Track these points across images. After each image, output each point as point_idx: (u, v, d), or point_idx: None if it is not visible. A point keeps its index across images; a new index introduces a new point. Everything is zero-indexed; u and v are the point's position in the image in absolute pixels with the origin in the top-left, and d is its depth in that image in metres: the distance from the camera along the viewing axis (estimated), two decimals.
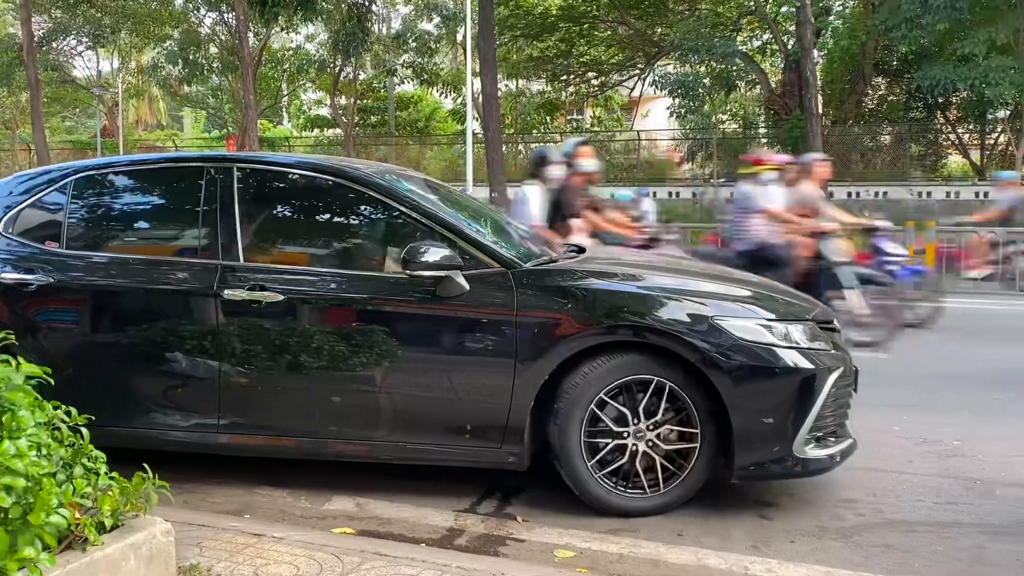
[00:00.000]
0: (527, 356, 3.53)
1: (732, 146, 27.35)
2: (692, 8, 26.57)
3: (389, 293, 3.68)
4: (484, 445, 3.63)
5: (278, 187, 4.17)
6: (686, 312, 3.54)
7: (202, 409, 3.80)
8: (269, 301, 3.68)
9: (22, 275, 3.91)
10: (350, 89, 30.68)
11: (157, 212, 4.24)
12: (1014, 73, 18.89)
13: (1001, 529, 3.44)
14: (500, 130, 23.12)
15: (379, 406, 3.70)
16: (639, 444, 3.54)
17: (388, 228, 3.96)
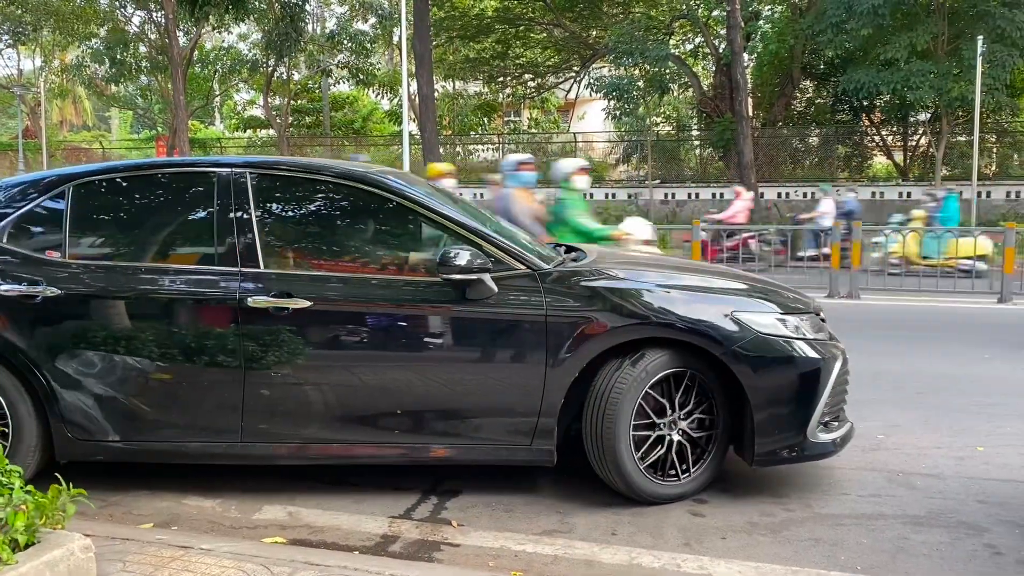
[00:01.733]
0: (558, 354, 3.61)
1: (666, 148, 27.77)
2: (626, 12, 26.88)
3: (418, 297, 3.70)
4: (515, 443, 3.70)
5: (295, 192, 4.06)
6: (710, 307, 3.74)
7: (224, 419, 3.72)
8: (296, 308, 3.62)
9: (25, 287, 3.72)
10: (284, 89, 30.24)
11: (167, 219, 4.04)
12: (933, 77, 19.56)
13: (922, 520, 3.55)
14: (437, 131, 23.06)
15: (410, 409, 3.72)
16: (673, 434, 3.72)
17: (411, 232, 4.00)
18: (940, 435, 4.72)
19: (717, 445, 3.81)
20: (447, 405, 3.72)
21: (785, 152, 25.21)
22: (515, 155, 7.20)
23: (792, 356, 3.73)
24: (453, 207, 4.01)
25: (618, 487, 3.70)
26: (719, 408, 3.78)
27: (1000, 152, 24.62)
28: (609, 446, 3.61)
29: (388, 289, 3.75)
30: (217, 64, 30.39)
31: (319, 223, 4.08)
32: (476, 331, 3.69)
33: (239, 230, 3.75)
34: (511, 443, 3.70)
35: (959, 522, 3.52)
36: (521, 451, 3.71)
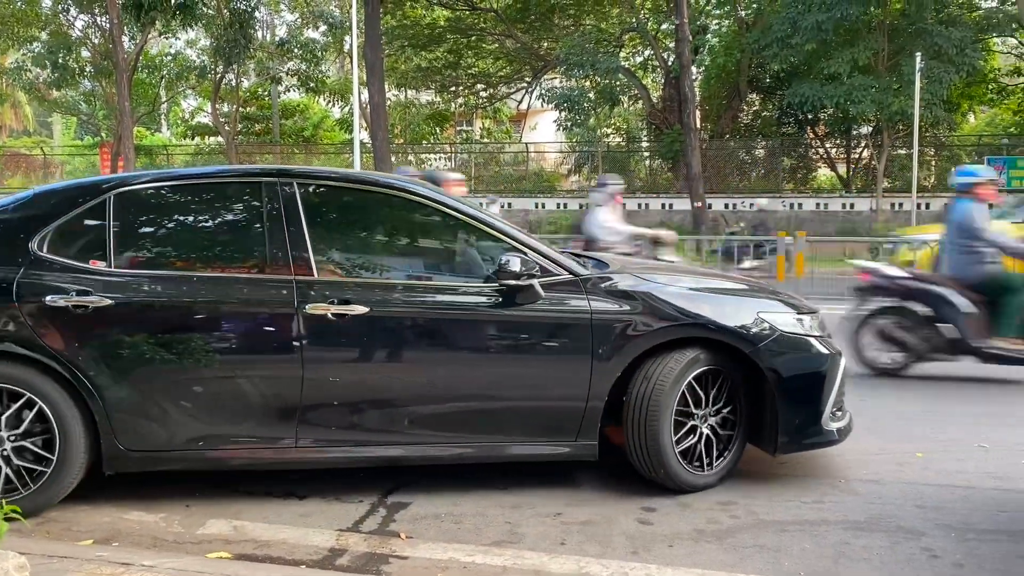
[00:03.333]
0: (602, 355, 3.84)
1: (616, 159, 28.05)
2: (576, 24, 27.11)
3: (472, 302, 3.86)
4: (562, 440, 3.91)
5: (345, 201, 4.16)
6: (740, 309, 4.08)
7: (279, 426, 3.75)
8: (354, 314, 3.68)
9: (75, 297, 3.63)
10: (232, 96, 29.83)
11: (213, 227, 4.04)
12: (875, 92, 20.11)
13: (863, 525, 3.63)
14: (388, 140, 22.96)
15: (464, 410, 3.88)
16: (703, 427, 4.00)
17: (457, 241, 4.15)
18: (882, 441, 4.83)
19: (738, 438, 4.10)
20: (497, 405, 3.90)
21: (732, 164, 25.67)
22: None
23: (809, 353, 4.08)
24: (494, 218, 4.24)
25: (657, 476, 3.94)
26: (743, 403, 4.07)
27: (938, 165, 25.38)
28: (653, 438, 3.86)
29: (440, 295, 3.90)
30: (164, 70, 29.86)
31: (368, 231, 4.21)
32: (526, 334, 3.88)
33: (291, 238, 3.79)
34: (556, 440, 3.91)
35: (898, 527, 3.61)
36: (565, 447, 3.92)
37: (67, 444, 3.62)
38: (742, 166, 26.33)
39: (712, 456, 4.04)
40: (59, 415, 3.61)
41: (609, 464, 4.39)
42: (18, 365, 3.60)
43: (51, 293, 3.63)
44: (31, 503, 3.56)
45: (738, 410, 4.09)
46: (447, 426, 3.87)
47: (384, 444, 3.83)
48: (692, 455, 3.99)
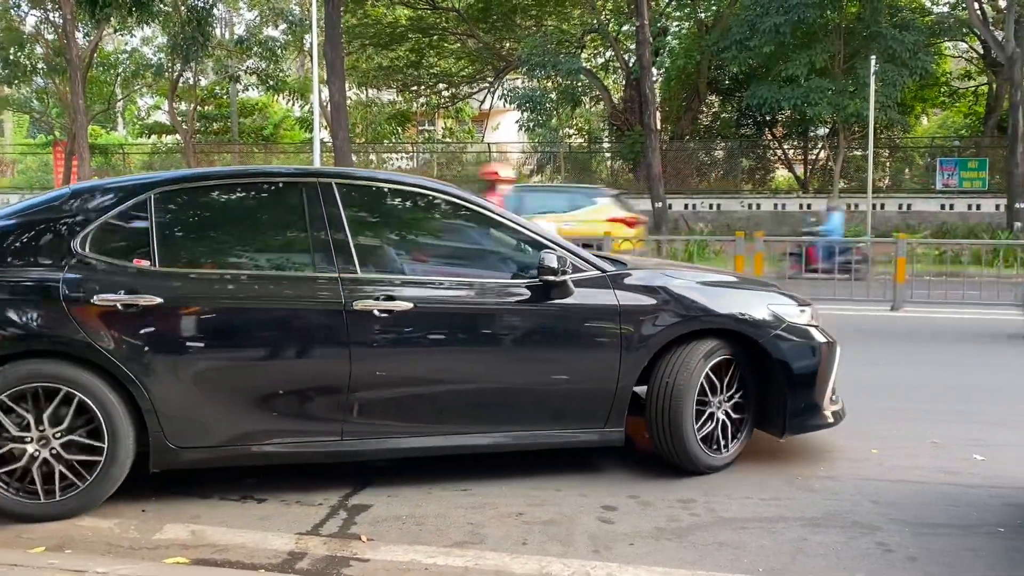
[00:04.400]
0: (630, 346, 4.09)
1: (578, 159, 28.18)
2: (538, 24, 27.19)
3: (509, 297, 4.05)
4: (591, 427, 4.14)
5: (383, 201, 4.32)
6: (753, 301, 4.39)
7: (326, 419, 3.84)
8: (399, 310, 3.81)
9: (124, 295, 3.62)
10: (190, 95, 29.42)
11: (256, 227, 4.11)
12: (831, 94, 20.46)
13: (819, 521, 3.69)
14: (349, 139, 22.79)
15: (502, 400, 4.06)
16: (719, 413, 4.27)
17: (492, 239, 4.32)
18: (837, 438, 4.90)
19: (750, 423, 4.38)
20: (533, 395, 4.09)
21: (692, 165, 25.93)
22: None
23: (812, 342, 4.40)
24: (523, 218, 4.46)
25: (678, 459, 4.21)
26: (753, 390, 4.36)
27: (893, 166, 25.90)
28: (676, 423, 4.13)
29: (478, 290, 4.06)
30: (119, 67, 29.36)
31: (405, 230, 4.37)
32: (561, 327, 4.08)
33: (334, 237, 3.88)
34: (587, 427, 4.14)
35: (854, 522, 3.67)
36: (595, 434, 4.15)
37: (115, 443, 3.62)
38: (702, 167, 26.61)
39: (728, 439, 4.30)
40: (107, 414, 3.60)
41: (571, 463, 4.42)
42: (65, 364, 3.59)
43: (99, 292, 3.61)
44: (76, 502, 3.61)
45: (749, 396, 4.36)
46: (485, 416, 4.05)
47: (426, 435, 3.99)
48: (710, 439, 4.26)
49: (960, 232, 20.67)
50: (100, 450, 3.61)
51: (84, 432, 3.60)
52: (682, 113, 26.81)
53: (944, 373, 5.66)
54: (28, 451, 3.55)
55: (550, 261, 3.95)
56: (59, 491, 3.58)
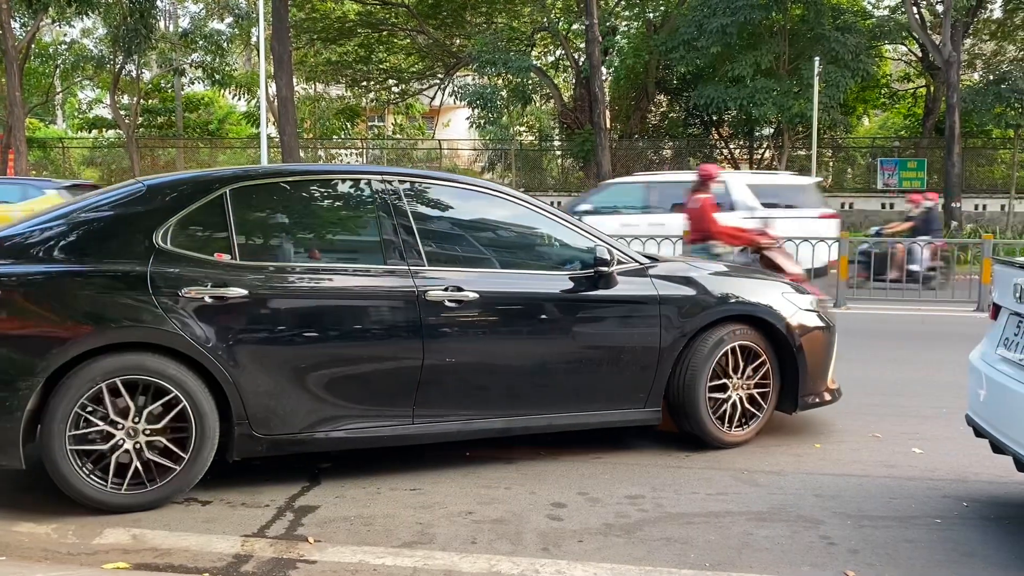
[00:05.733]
0: (669, 331, 4.46)
1: (529, 157, 28.22)
2: (488, 22, 27.15)
3: (565, 287, 4.38)
4: (634, 406, 4.50)
5: (445, 199, 4.55)
6: (771, 291, 4.85)
7: (399, 403, 4.04)
8: (467, 300, 4.06)
9: (210, 288, 3.73)
10: (133, 88, 28.74)
11: (327, 222, 4.38)
12: (776, 95, 20.79)
13: (765, 515, 3.75)
14: (297, 135, 22.51)
15: (558, 383, 4.33)
16: (734, 394, 4.64)
17: (542, 233, 4.68)
18: (782, 434, 5.00)
19: (772, 401, 4.76)
20: (585, 378, 4.38)
21: (641, 163, 26.11)
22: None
23: (819, 324, 4.88)
24: (569, 214, 4.90)
25: (696, 434, 4.61)
26: (772, 372, 4.72)
27: (835, 166, 26.45)
28: (691, 401, 4.50)
29: (535, 280, 4.40)
30: (58, 59, 28.54)
31: (466, 225, 4.62)
32: (610, 315, 4.45)
33: (402, 231, 4.12)
34: (630, 407, 4.49)
35: (798, 516, 3.74)
36: (636, 413, 4.51)
37: (202, 433, 3.71)
38: (651, 165, 26.81)
39: (748, 417, 4.70)
40: (195, 404, 3.69)
41: (519, 461, 4.42)
42: (154, 356, 3.65)
43: (185, 285, 3.70)
44: (162, 492, 3.69)
45: (766, 378, 4.72)
46: (542, 398, 4.33)
47: (490, 416, 4.24)
48: (729, 418, 4.64)
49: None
50: (187, 441, 3.69)
51: (172, 423, 3.68)
52: (631, 112, 27.02)
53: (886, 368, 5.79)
54: (118, 442, 3.62)
55: (603, 254, 4.35)
56: (147, 481, 3.66)
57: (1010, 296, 3.56)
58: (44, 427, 3.53)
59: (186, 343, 3.65)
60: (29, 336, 3.53)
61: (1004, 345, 3.59)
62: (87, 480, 3.59)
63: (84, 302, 3.60)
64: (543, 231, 4.67)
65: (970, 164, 24.03)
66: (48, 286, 3.60)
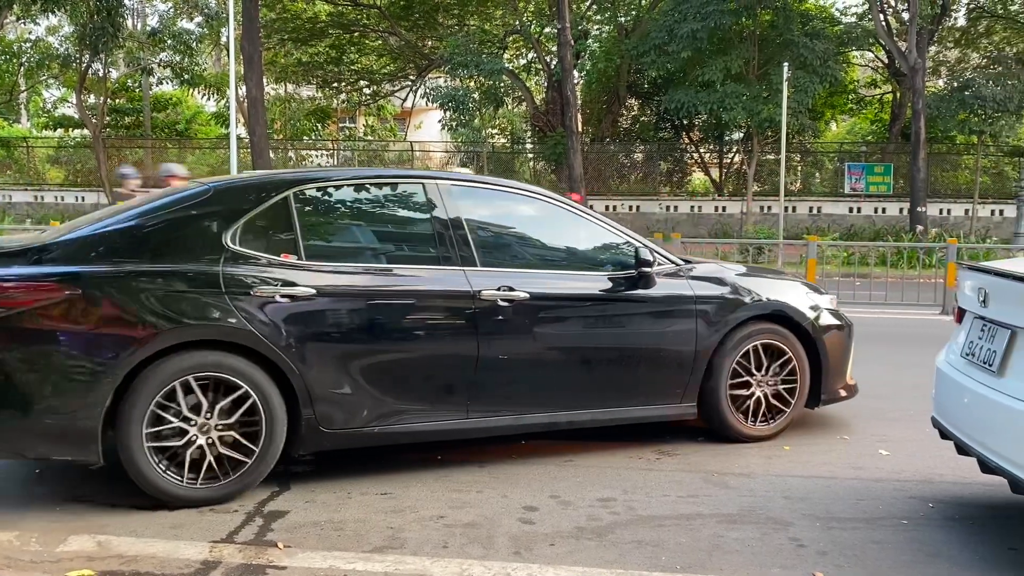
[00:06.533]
0: (704, 329, 4.67)
1: (502, 160, 28.22)
2: (460, 24, 27.11)
3: (609, 287, 4.56)
4: (671, 402, 4.69)
5: (494, 202, 4.73)
6: (796, 292, 5.11)
7: (455, 398, 4.21)
8: (518, 299, 4.23)
9: (280, 287, 3.88)
10: (99, 87, 28.31)
11: (386, 223, 4.55)
12: (745, 99, 20.99)
13: (735, 517, 3.77)
14: (267, 135, 22.34)
15: (602, 379, 4.53)
16: (758, 390, 4.85)
17: (585, 235, 4.81)
18: None
19: (798, 399, 4.95)
20: (628, 375, 4.57)
21: (612, 167, 26.26)
22: None
23: (840, 323, 5.14)
24: (610, 217, 5.13)
25: (718, 429, 4.84)
26: (801, 369, 4.92)
27: (804, 171, 26.75)
28: (714, 396, 4.72)
29: (581, 280, 4.58)
30: (22, 57, 28.03)
31: (514, 228, 4.77)
32: (650, 314, 4.62)
33: (456, 234, 4.29)
34: (667, 402, 4.68)
35: (768, 518, 3.77)
36: (673, 408, 4.70)
37: (271, 429, 3.84)
38: (622, 169, 26.97)
39: (773, 413, 4.91)
40: (266, 401, 3.82)
41: (491, 464, 4.42)
42: (227, 354, 3.77)
43: (256, 285, 3.84)
44: (233, 487, 3.82)
45: (792, 375, 4.91)
46: (588, 393, 4.51)
47: (538, 411, 4.41)
48: (753, 413, 4.84)
49: (867, 235, 21.48)
50: (257, 436, 3.82)
51: (243, 419, 3.80)
52: (603, 116, 27.12)
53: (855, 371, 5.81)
54: (192, 438, 3.72)
55: (645, 255, 4.54)
56: (220, 476, 3.78)
57: (974, 300, 3.62)
58: (121, 423, 3.62)
59: (258, 340, 3.78)
60: (108, 334, 3.62)
61: (968, 348, 3.65)
62: (163, 475, 3.69)
63: (160, 301, 3.70)
64: (585, 232, 4.79)
65: (935, 169, 24.42)
66: (125, 286, 3.68)
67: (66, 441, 3.58)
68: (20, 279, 3.59)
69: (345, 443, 4.07)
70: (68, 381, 3.57)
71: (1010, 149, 24.68)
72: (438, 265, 4.23)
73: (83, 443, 3.58)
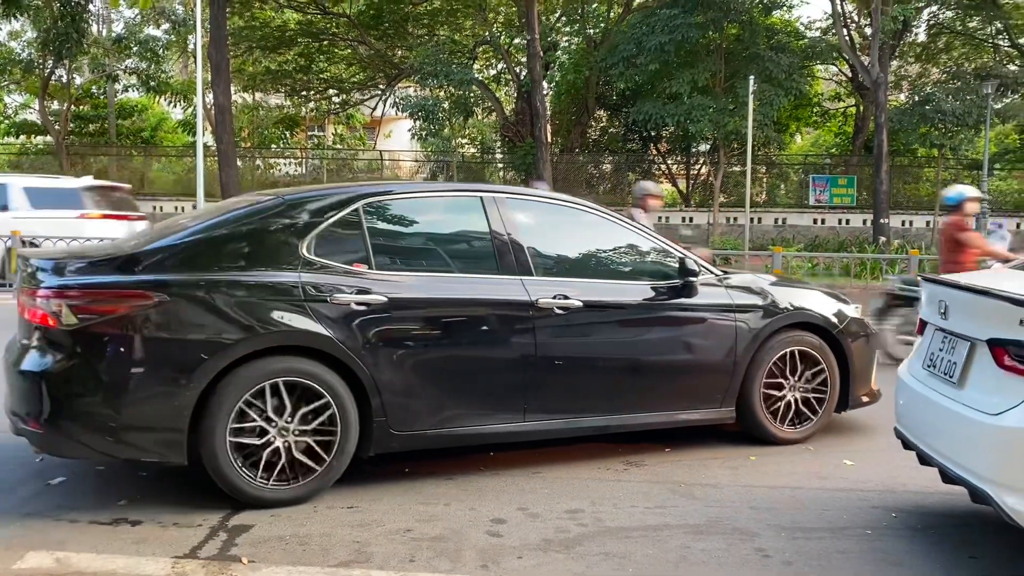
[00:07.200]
0: (742, 336, 4.88)
1: (471, 169, 28.25)
2: (430, 33, 27.12)
3: (656, 296, 4.77)
4: (712, 406, 4.89)
5: (546, 215, 4.89)
6: (828, 301, 5.31)
7: (513, 401, 4.38)
8: (573, 307, 4.43)
9: (356, 295, 4.04)
10: (63, 94, 27.90)
11: (447, 235, 4.72)
12: (712, 112, 21.23)
13: (702, 528, 3.79)
14: (234, 144, 22.15)
15: (650, 384, 4.74)
16: (790, 395, 5.07)
17: (631, 247, 5.01)
18: (718, 446, 5.06)
19: (828, 402, 5.15)
20: (674, 380, 4.80)
21: (581, 177, 26.38)
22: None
23: (865, 331, 5.39)
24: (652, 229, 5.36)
25: (752, 431, 5.05)
26: (832, 375, 5.12)
27: (769, 182, 27.09)
28: (749, 400, 4.94)
29: (629, 289, 4.77)
30: None
31: (564, 239, 4.90)
32: (694, 321, 4.83)
33: (512, 244, 4.49)
34: (708, 407, 4.88)
35: (734, 528, 3.79)
36: (714, 412, 4.90)
37: (346, 431, 3.99)
38: (591, 179, 27.12)
39: (802, 417, 5.12)
40: (341, 404, 3.97)
41: (459, 476, 4.40)
42: (305, 359, 3.94)
43: (332, 292, 3.99)
44: (309, 488, 3.96)
45: (830, 380, 5.12)
46: (637, 398, 4.71)
47: (591, 415, 4.60)
48: (785, 416, 5.06)
49: (831, 246, 21.78)
50: (332, 439, 3.96)
51: (319, 422, 3.94)
52: (572, 126, 27.26)
53: None
54: (271, 441, 3.87)
55: (691, 265, 4.78)
56: (299, 477, 3.92)
57: (935, 312, 3.68)
58: (206, 424, 3.75)
59: (335, 346, 3.95)
60: (196, 340, 3.76)
61: (930, 360, 3.71)
62: (240, 474, 3.81)
63: (245, 308, 3.85)
64: (631, 243, 4.99)
65: (897, 181, 24.85)
66: (212, 293, 3.82)
67: (155, 443, 3.74)
68: (112, 287, 3.76)
69: (411, 444, 4.23)
70: (158, 385, 3.71)
71: (969, 162, 25.18)
72: (497, 274, 4.43)
73: (171, 445, 3.73)
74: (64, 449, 3.79)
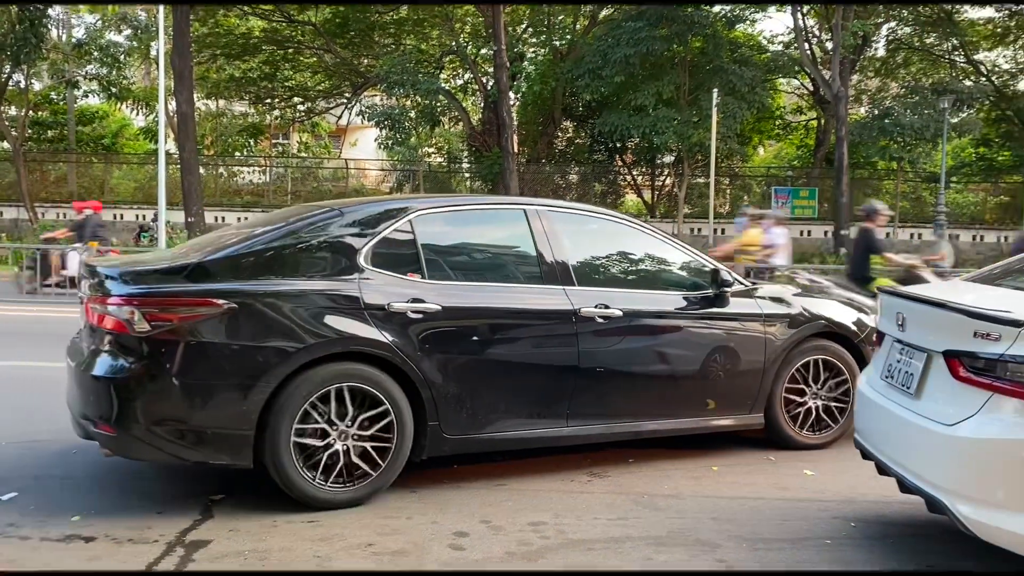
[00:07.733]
0: (771, 344, 5.06)
1: (438, 178, 28.20)
2: (397, 43, 27.08)
3: (690, 305, 4.95)
4: (741, 413, 5.06)
5: (586, 226, 5.09)
6: (852, 311, 5.45)
7: (557, 407, 4.53)
8: (613, 316, 4.59)
9: (411, 304, 4.17)
10: (21, 100, 27.39)
11: (493, 246, 4.87)
12: (677, 124, 21.44)
13: (664, 539, 3.79)
14: (197, 151, 21.90)
15: (685, 391, 4.91)
16: (811, 402, 5.22)
17: (668, 258, 5.18)
18: (680, 457, 5.09)
19: (849, 410, 5.13)
20: (707, 387, 4.93)
21: (548, 187, 26.45)
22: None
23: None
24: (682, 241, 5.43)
25: (774, 437, 5.20)
26: (853, 382, 5.12)
27: (732, 193, 27.39)
28: (773, 407, 5.11)
29: (665, 299, 4.93)
30: None
31: (605, 250, 5.09)
32: (727, 330, 4.99)
33: (555, 255, 4.65)
34: (738, 413, 5.05)
35: (696, 540, 3.80)
36: (744, 418, 5.07)
37: (402, 435, 4.12)
38: (557, 190, 27.19)
39: (823, 424, 5.27)
40: (398, 409, 4.10)
41: (421, 489, 4.37)
42: (364, 365, 4.06)
43: (391, 300, 4.13)
44: (366, 490, 4.09)
45: (851, 387, 5.10)
46: (672, 404, 4.87)
47: (629, 420, 4.76)
48: (805, 423, 5.21)
49: (793, 257, 22.02)
50: (389, 442, 4.09)
51: (377, 426, 4.06)
52: (538, 137, 27.35)
53: None
54: (331, 444, 3.99)
55: (725, 276, 5.00)
56: (356, 479, 4.05)
57: (893, 324, 3.73)
58: (271, 427, 3.86)
59: (394, 353, 4.08)
60: (262, 346, 3.87)
61: (888, 371, 3.76)
62: (301, 474, 3.93)
63: (309, 315, 3.97)
64: (667, 255, 5.16)
65: (858, 193, 25.22)
66: (278, 301, 3.94)
67: (223, 446, 3.84)
68: (183, 295, 3.86)
69: (461, 448, 4.36)
70: (227, 389, 3.82)
71: (927, 175, 25.68)
72: (541, 284, 4.59)
73: (238, 448, 3.85)
74: (135, 451, 3.88)
